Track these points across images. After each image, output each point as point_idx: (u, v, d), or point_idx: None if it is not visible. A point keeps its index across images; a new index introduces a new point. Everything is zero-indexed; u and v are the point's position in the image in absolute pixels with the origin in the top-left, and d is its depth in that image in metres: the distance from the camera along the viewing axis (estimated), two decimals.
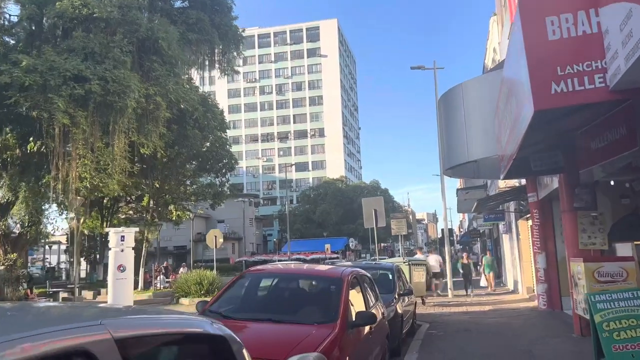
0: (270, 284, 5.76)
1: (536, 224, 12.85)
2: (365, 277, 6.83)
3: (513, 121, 6.38)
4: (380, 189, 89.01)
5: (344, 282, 5.53)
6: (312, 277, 5.91)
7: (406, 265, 14.91)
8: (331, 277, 5.78)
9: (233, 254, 71.85)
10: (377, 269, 10.64)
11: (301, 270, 6.34)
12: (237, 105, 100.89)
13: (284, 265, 7.19)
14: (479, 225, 32.46)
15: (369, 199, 17.62)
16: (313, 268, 6.90)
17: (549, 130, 6.97)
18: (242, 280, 5.82)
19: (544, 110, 4.64)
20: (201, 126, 27.21)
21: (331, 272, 6.07)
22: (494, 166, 12.31)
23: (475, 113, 10.17)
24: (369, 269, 10.69)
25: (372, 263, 12.56)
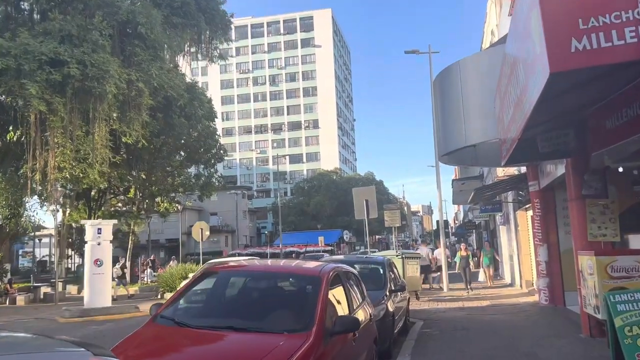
0: (236, 283, 4.92)
1: (537, 215, 12.06)
2: (349, 274, 6.00)
3: (518, 96, 5.54)
4: (375, 181, 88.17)
5: (323, 281, 4.70)
6: (285, 275, 5.05)
7: (399, 258, 14.12)
8: (308, 276, 4.95)
9: (226, 246, 71.02)
10: (367, 264, 9.84)
11: (273, 268, 5.47)
12: (230, 96, 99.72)
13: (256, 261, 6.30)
14: (475, 216, 31.72)
15: (359, 188, 16.80)
16: (288, 265, 6.02)
17: (558, 107, 6.14)
18: (203, 280, 4.98)
19: (561, 73, 3.80)
20: (188, 115, 26.27)
21: (308, 269, 5.23)
22: (494, 152, 11.50)
23: (474, 93, 9.33)
24: (358, 263, 9.90)
25: (363, 257, 11.75)
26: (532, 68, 4.44)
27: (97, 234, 14.80)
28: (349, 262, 9.94)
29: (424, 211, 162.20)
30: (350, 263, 9.81)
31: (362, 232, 74.66)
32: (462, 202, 42.13)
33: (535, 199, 12.09)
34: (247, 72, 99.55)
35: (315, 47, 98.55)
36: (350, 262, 9.85)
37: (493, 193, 17.41)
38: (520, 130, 5.76)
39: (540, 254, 12.00)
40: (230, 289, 4.86)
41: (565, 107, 6.27)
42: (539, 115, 5.54)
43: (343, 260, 10.13)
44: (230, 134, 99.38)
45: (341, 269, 5.61)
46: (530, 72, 4.61)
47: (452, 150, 9.85)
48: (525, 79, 5.01)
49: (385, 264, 9.52)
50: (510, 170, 15.28)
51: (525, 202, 15.54)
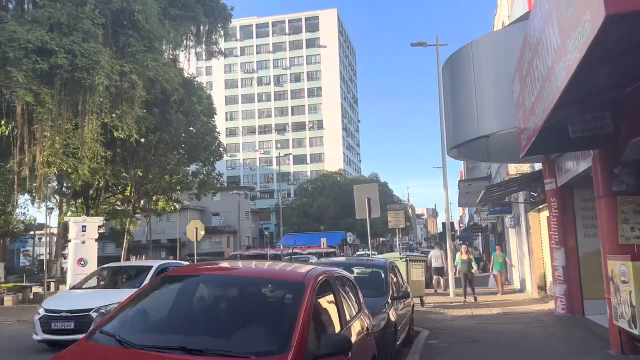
0: (199, 292, 3.97)
1: (554, 215, 11.07)
2: (343, 280, 5.05)
3: (550, 67, 4.59)
4: (380, 182, 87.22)
5: (307, 288, 3.75)
6: (261, 281, 4.07)
7: (403, 261, 13.15)
8: (289, 282, 3.99)
9: (228, 247, 70.20)
10: (367, 267, 8.87)
11: (248, 272, 4.46)
12: (234, 96, 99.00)
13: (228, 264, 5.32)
14: (482, 219, 30.67)
15: (361, 185, 15.84)
16: (269, 268, 4.99)
17: (593, 82, 5.17)
18: (161, 286, 4.04)
19: (622, 14, 2.84)
20: (186, 111, 25.40)
21: (291, 274, 4.27)
22: (509, 145, 10.54)
23: (488, 78, 8.37)
24: (357, 266, 8.95)
25: (363, 260, 10.76)
26: (575, 21, 3.48)
27: (81, 232, 13.92)
28: (347, 265, 9.00)
29: (428, 214, 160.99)
30: (349, 266, 8.88)
31: (365, 234, 73.70)
32: (468, 204, 41.13)
33: (552, 199, 11.09)
34: (251, 72, 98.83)
35: (320, 47, 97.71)
36: (348, 265, 8.92)
37: (503, 193, 16.40)
38: (549, 109, 4.79)
39: (557, 259, 11.00)
40: (191, 298, 3.90)
41: (600, 84, 5.30)
42: (571, 92, 4.59)
43: (341, 262, 9.19)
44: (234, 134, 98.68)
45: (332, 273, 4.66)
46: (570, 29, 3.64)
47: (463, 142, 8.89)
48: (560, 41, 4.05)
49: (387, 267, 8.55)
50: (523, 168, 14.30)
51: (538, 203, 14.55)
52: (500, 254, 18.78)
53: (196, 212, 74.09)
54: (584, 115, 5.37)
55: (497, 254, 18.80)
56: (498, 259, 18.44)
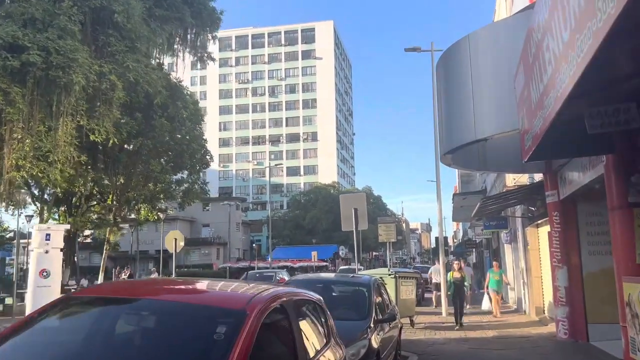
0: (104, 320, 2.96)
1: (556, 231, 10.12)
2: (308, 305, 4.06)
3: (566, 42, 3.66)
4: (373, 196, 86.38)
5: (248, 320, 2.77)
6: (187, 308, 3.08)
7: (392, 278, 12.13)
8: (225, 310, 2.98)
9: (217, 259, 68.92)
10: (349, 285, 7.87)
11: (172, 294, 3.44)
12: (229, 106, 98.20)
13: (151, 282, 4.26)
14: (476, 234, 29.70)
15: (347, 195, 14.88)
16: (202, 290, 3.84)
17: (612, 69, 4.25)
18: (57, 311, 3.04)
19: None
20: (170, 116, 24.44)
21: (230, 298, 3.27)
22: (508, 153, 9.64)
23: (487, 75, 7.47)
24: (337, 284, 7.96)
25: (346, 277, 9.73)
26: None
27: (45, 241, 12.81)
28: (325, 282, 8.02)
29: (422, 229, 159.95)
30: (327, 284, 7.90)
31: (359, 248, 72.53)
32: (462, 219, 40.19)
33: (554, 212, 10.16)
34: (246, 82, 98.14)
35: (316, 59, 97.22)
36: (326, 283, 7.94)
37: (500, 206, 15.47)
38: (564, 97, 3.86)
39: (559, 278, 10.04)
40: (91, 328, 2.90)
41: (624, 69, 4.37)
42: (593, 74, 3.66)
43: (318, 280, 8.20)
44: (227, 144, 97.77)
45: (292, 296, 3.67)
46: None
47: (458, 146, 7.95)
48: (584, 4, 3.13)
49: (372, 286, 7.55)
50: (521, 179, 13.39)
51: (537, 217, 13.62)
52: (497, 271, 16.86)
53: (186, 223, 72.86)
54: (605, 107, 4.46)
55: (494, 271, 16.88)
56: (494, 277, 16.47)
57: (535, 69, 4.90)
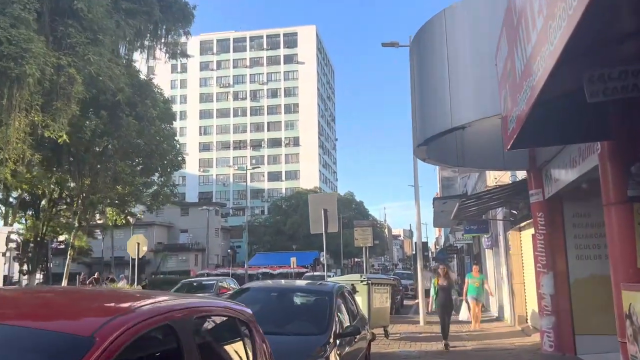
0: None
1: (541, 233, 9.27)
2: (220, 323, 3.07)
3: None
4: (355, 202, 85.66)
5: (89, 354, 1.78)
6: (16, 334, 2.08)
7: (364, 285, 11.17)
8: (63, 337, 1.99)
9: (196, 266, 67.38)
10: (308, 294, 6.87)
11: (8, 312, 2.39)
12: (209, 110, 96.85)
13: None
14: (457, 240, 28.92)
15: (317, 195, 13.98)
16: (46, 306, 2.62)
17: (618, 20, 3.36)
18: None
19: None
20: (139, 115, 23.29)
21: (76, 319, 2.27)
22: (489, 147, 8.78)
23: (465, 54, 6.60)
24: (295, 293, 6.97)
25: (308, 285, 8.68)
26: None
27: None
28: (281, 291, 7.03)
29: (405, 235, 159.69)
30: (283, 293, 6.91)
31: (339, 255, 71.68)
32: (443, 224, 39.42)
33: (538, 213, 9.31)
34: (227, 86, 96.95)
35: (298, 63, 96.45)
36: (282, 292, 6.95)
37: (480, 209, 14.64)
38: (559, 50, 2.95)
39: (544, 285, 9.17)
40: None
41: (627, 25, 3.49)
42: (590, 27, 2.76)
43: (273, 288, 7.21)
44: (208, 149, 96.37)
45: (189, 312, 2.66)
46: None
47: (433, 135, 7.04)
48: None
49: (334, 295, 6.56)
50: (503, 178, 12.56)
51: (520, 220, 12.82)
52: (477, 276, 14.81)
53: (163, 228, 71.29)
54: (609, 69, 3.58)
55: (473, 276, 14.81)
56: (474, 283, 14.37)
57: (521, 30, 4.00)
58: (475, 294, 14.28)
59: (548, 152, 8.78)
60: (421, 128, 7.44)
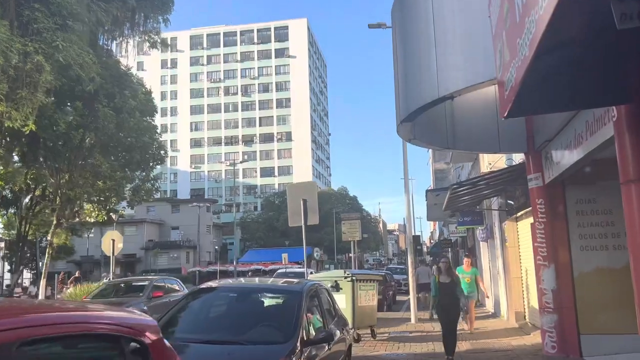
0: None
1: (541, 221, 8.35)
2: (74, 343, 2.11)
3: None
4: (349, 197, 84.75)
5: None
6: None
7: (348, 281, 10.24)
8: None
9: (187, 263, 66.42)
10: (275, 294, 5.90)
11: None
12: (200, 106, 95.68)
13: None
14: (451, 232, 28.03)
15: (296, 184, 12.99)
16: None
17: None
18: None
19: None
20: (117, 106, 22.20)
21: None
22: (482, 126, 7.88)
23: (453, 11, 5.64)
24: (258, 294, 6.02)
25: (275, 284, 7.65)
26: None
27: None
28: (242, 291, 6.07)
29: (400, 230, 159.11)
30: (244, 294, 5.95)
31: (332, 250, 70.73)
32: (437, 217, 38.57)
33: (538, 200, 8.39)
34: (218, 82, 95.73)
35: (289, 57, 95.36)
36: (243, 293, 5.99)
37: (474, 198, 13.73)
38: None
39: (545, 280, 8.26)
40: None
41: None
42: None
43: (234, 287, 6.25)
44: (199, 145, 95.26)
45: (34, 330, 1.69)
46: None
47: (418, 108, 6.08)
48: None
49: (304, 295, 5.59)
50: (498, 163, 11.63)
51: (517, 209, 11.91)
52: (468, 270, 12.45)
53: (154, 226, 70.27)
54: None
55: (464, 271, 12.35)
56: (465, 277, 11.96)
57: None
58: (466, 291, 11.75)
59: (549, 130, 7.85)
60: (404, 101, 6.48)
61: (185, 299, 5.68)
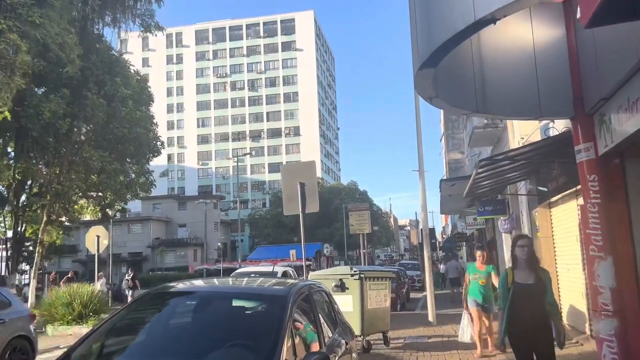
0: None
1: (594, 203, 6.63)
2: None
3: None
4: (359, 191, 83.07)
5: None
6: None
7: (356, 280, 8.63)
8: None
9: (194, 261, 65.16)
10: (249, 302, 4.27)
11: None
12: (207, 101, 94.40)
13: None
14: (468, 225, 26.28)
15: (290, 165, 11.44)
16: None
17: None
18: None
19: None
20: (108, 94, 20.78)
21: None
22: (520, 86, 6.26)
23: None
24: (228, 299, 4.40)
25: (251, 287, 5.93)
26: None
27: None
28: (205, 295, 4.46)
29: (411, 225, 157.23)
30: (207, 299, 4.34)
31: (343, 246, 69.14)
32: (451, 210, 36.75)
33: (590, 175, 6.67)
34: (224, 76, 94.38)
35: (296, 50, 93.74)
36: (207, 297, 4.38)
37: (495, 183, 12.03)
38: None
39: (601, 275, 6.54)
40: None
41: None
42: None
43: (196, 289, 4.62)
44: (206, 141, 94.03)
45: None
46: None
47: (444, 41, 4.44)
48: None
49: (290, 301, 3.99)
50: (533, 138, 9.94)
51: (553, 192, 10.21)
52: (482, 269, 8.78)
53: (160, 223, 69.14)
54: None
55: (477, 268, 8.82)
56: (478, 279, 8.69)
57: None
58: (481, 297, 8.62)
59: (605, 87, 6.16)
60: (426, 37, 4.82)
61: (125, 309, 4.10)
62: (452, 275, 20.51)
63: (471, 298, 8.74)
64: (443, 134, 40.30)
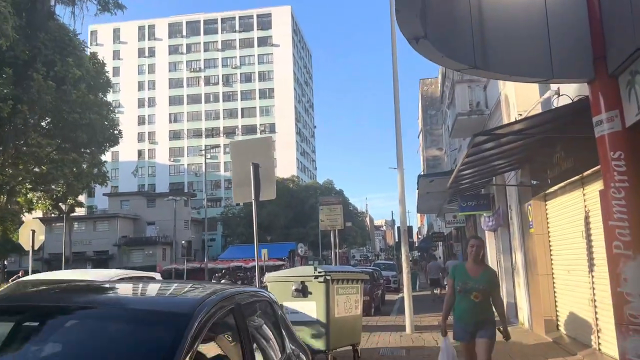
0: None
1: (618, 187, 5.23)
2: None
3: None
4: (335, 190, 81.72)
5: None
6: None
7: (320, 282, 7.08)
8: None
9: (163, 260, 62.87)
10: (130, 319, 2.68)
11: None
12: (180, 96, 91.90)
13: None
14: (447, 223, 24.99)
15: (241, 141, 9.80)
16: None
17: None
18: None
19: None
20: (59, 76, 18.88)
21: None
22: (527, 35, 4.84)
23: None
24: (99, 316, 2.76)
25: (131, 296, 4.33)
26: None
27: None
28: (58, 312, 2.83)
29: (387, 225, 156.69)
30: (61, 318, 2.73)
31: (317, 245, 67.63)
32: (429, 209, 35.46)
33: (614, 153, 5.28)
34: (198, 71, 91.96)
35: (273, 46, 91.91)
36: (60, 314, 2.76)
37: (479, 173, 10.63)
38: None
39: (630, 278, 5.14)
40: None
41: None
42: None
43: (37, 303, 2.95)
44: (178, 137, 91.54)
45: None
46: None
47: None
48: None
49: (196, 322, 2.46)
50: (535, 110, 8.50)
51: (550, 182, 8.83)
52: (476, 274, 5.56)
53: (128, 220, 66.67)
54: None
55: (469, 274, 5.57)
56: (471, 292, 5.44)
57: None
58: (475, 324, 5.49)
59: (632, 41, 4.78)
60: None
61: None
62: (434, 276, 20.63)
63: (459, 325, 5.55)
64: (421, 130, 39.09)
